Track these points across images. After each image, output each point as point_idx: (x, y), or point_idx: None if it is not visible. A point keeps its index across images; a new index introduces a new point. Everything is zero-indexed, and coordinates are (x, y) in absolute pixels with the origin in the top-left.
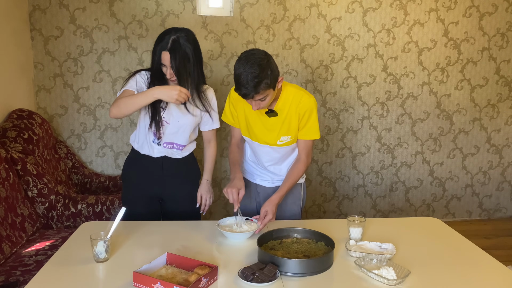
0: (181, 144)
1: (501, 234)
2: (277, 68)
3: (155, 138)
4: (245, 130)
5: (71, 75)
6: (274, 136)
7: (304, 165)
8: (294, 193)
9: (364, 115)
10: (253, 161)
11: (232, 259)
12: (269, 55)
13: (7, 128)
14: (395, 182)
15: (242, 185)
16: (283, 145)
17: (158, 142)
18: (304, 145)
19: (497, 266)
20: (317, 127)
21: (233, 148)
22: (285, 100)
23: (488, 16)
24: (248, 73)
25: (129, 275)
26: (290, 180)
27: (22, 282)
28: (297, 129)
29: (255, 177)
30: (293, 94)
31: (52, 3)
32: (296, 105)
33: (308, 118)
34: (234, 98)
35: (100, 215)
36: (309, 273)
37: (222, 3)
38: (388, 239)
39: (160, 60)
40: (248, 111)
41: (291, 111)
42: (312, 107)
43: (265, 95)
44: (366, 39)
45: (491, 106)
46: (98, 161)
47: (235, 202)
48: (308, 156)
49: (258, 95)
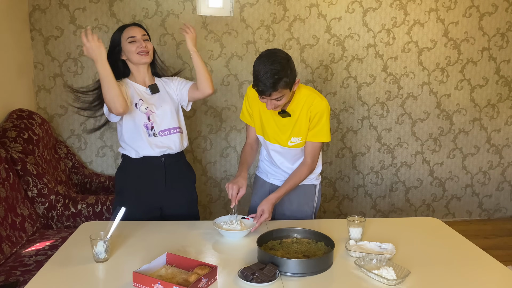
0: (177, 127)
1: (501, 234)
2: (295, 70)
3: (149, 131)
4: (259, 128)
5: (71, 75)
6: (285, 137)
7: (308, 169)
8: (307, 194)
9: (364, 115)
10: (268, 160)
11: (232, 259)
12: (289, 56)
13: (7, 128)
14: (395, 182)
15: (244, 184)
16: (293, 147)
17: (153, 133)
18: (312, 148)
19: (497, 266)
20: (327, 130)
21: (247, 148)
22: (298, 102)
23: (488, 16)
24: (268, 69)
25: (129, 275)
26: (290, 182)
27: (22, 282)
28: (307, 131)
29: (270, 176)
30: (306, 96)
31: (52, 3)
32: (308, 107)
33: (319, 121)
34: (251, 96)
35: (100, 215)
36: (309, 273)
37: (222, 3)
38: (388, 239)
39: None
40: (262, 110)
41: (302, 113)
42: (323, 110)
43: (282, 95)
44: (366, 39)
45: (491, 106)
46: (98, 161)
47: (233, 198)
48: (314, 161)
49: (276, 93)
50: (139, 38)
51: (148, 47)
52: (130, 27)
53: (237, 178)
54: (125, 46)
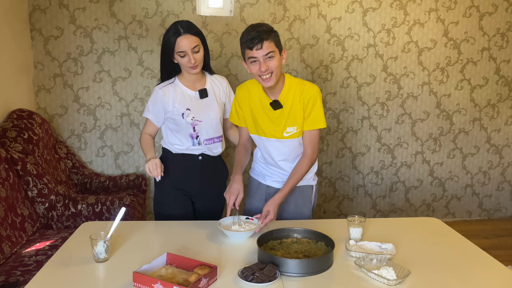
0: (220, 135)
1: (501, 234)
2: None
3: (194, 140)
4: (253, 127)
5: (71, 75)
6: (280, 129)
7: (309, 160)
8: (305, 194)
9: (364, 115)
10: (263, 161)
11: (232, 259)
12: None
13: (7, 128)
14: (395, 182)
15: (241, 189)
16: (289, 137)
17: (198, 142)
18: (310, 137)
19: (497, 266)
20: (322, 116)
21: (240, 149)
22: (289, 90)
23: (488, 16)
24: (260, 25)
25: (129, 275)
26: (294, 177)
27: (22, 282)
28: (302, 119)
29: (266, 178)
30: (296, 84)
31: (52, 3)
32: (300, 94)
33: (313, 106)
34: (241, 96)
35: (100, 215)
36: (309, 273)
37: (222, 3)
38: (388, 239)
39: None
40: (254, 107)
41: (295, 101)
42: (316, 95)
43: (272, 50)
44: (366, 39)
45: (491, 106)
46: (98, 161)
47: (229, 207)
48: (314, 151)
49: (267, 43)
50: (188, 52)
51: (197, 59)
52: (181, 38)
53: (232, 185)
54: (175, 56)
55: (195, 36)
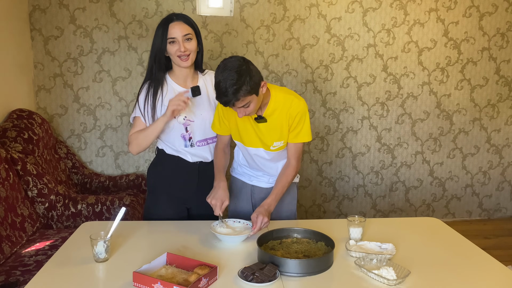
0: (214, 136)
1: (501, 234)
2: (258, 73)
3: (186, 141)
4: (237, 136)
5: (71, 75)
6: (267, 141)
7: (294, 170)
8: (290, 193)
9: (364, 115)
10: (246, 165)
11: (232, 259)
12: (247, 60)
13: (7, 128)
14: (395, 182)
15: (226, 196)
16: (276, 150)
17: (191, 144)
18: (295, 149)
19: (497, 266)
20: (308, 130)
21: (219, 153)
22: (275, 106)
23: (488, 16)
24: (226, 80)
25: (129, 275)
26: (279, 186)
27: (22, 282)
28: (288, 133)
29: (252, 178)
30: (283, 98)
31: (52, 3)
32: (287, 110)
33: (299, 121)
34: (225, 110)
35: (100, 215)
36: (309, 273)
37: (222, 3)
38: (388, 239)
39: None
40: (239, 119)
41: (282, 116)
42: (303, 110)
43: (247, 102)
44: (366, 39)
45: (491, 106)
46: (98, 161)
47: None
48: (298, 161)
49: (239, 102)
50: (179, 39)
51: (189, 49)
52: (173, 24)
53: (217, 191)
54: (167, 46)
55: (188, 26)
